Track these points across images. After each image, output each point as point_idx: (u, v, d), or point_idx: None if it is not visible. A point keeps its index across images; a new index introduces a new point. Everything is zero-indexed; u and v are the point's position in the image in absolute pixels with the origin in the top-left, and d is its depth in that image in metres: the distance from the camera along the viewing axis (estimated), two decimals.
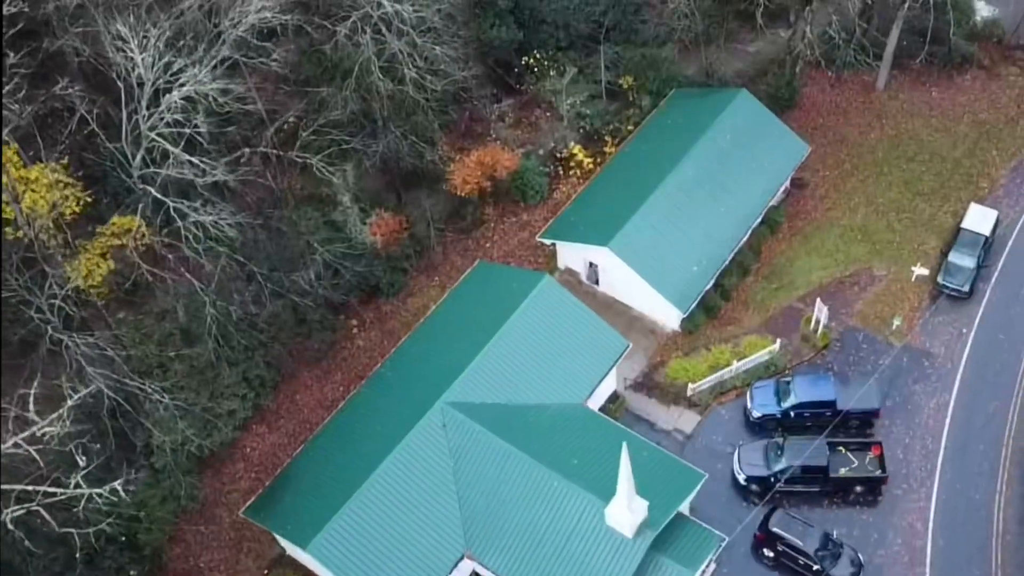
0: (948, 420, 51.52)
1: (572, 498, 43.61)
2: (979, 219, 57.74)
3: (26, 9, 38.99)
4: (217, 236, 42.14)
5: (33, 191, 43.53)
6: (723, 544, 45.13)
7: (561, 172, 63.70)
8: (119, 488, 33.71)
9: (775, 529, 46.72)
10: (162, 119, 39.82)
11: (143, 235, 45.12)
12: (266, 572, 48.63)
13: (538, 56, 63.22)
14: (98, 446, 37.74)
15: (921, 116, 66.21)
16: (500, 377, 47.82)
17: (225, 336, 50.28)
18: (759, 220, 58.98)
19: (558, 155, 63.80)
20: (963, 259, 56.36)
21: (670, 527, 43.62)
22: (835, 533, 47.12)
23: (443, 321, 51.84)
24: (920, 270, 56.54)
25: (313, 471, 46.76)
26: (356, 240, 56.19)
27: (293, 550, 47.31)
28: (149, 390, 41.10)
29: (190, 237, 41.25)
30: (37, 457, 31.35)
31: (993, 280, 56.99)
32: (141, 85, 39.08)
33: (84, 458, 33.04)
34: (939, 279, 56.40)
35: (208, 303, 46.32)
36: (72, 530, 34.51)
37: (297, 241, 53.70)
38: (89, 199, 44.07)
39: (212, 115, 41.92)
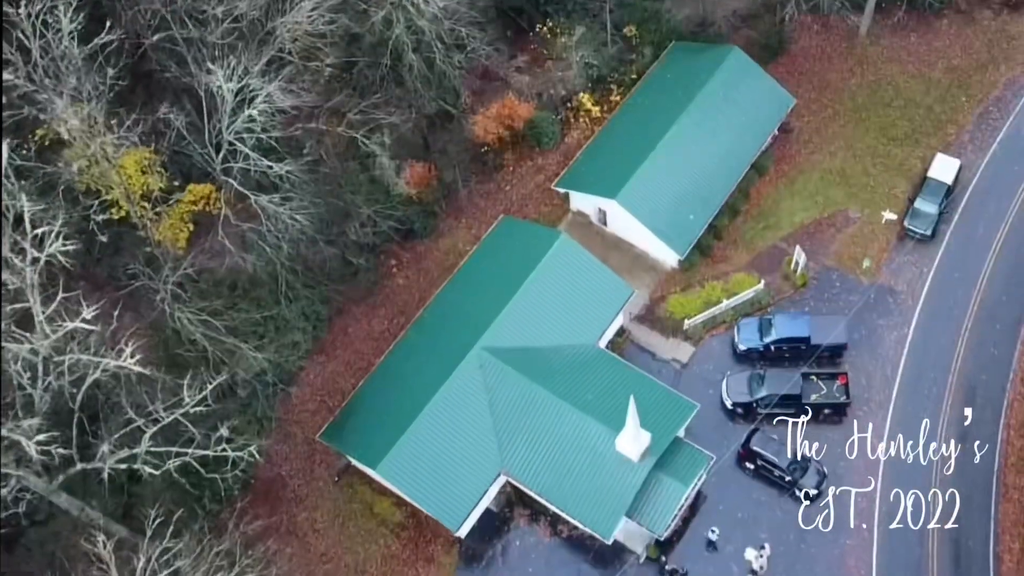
0: (906, 351, 60.27)
1: (588, 428, 52.91)
2: (943, 168, 65.11)
3: (124, 36, 45.96)
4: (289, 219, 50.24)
5: (128, 174, 51.53)
6: (712, 462, 54.66)
7: (572, 119, 70.65)
8: (254, 451, 43.08)
9: (755, 447, 56.23)
10: (240, 124, 47.47)
11: (221, 206, 53.19)
12: (336, 479, 58.13)
13: (551, 24, 69.33)
14: (236, 422, 47.07)
15: (899, 62, 72.56)
16: (525, 324, 56.46)
17: (287, 280, 58.76)
18: (749, 166, 66.47)
19: (569, 104, 70.62)
20: (927, 205, 64.09)
21: (668, 449, 53.12)
22: (805, 449, 56.59)
23: (473, 273, 60.18)
24: (889, 215, 64.38)
25: (374, 404, 55.98)
26: (393, 191, 63.83)
27: (357, 462, 56.91)
28: (242, 346, 49.92)
29: (272, 228, 49.44)
30: (190, 426, 40.76)
31: (953, 224, 64.82)
32: (223, 100, 46.52)
33: (226, 430, 42.34)
34: (905, 223, 64.32)
35: (279, 264, 54.60)
36: (216, 475, 44.20)
37: (344, 198, 61.42)
38: (176, 184, 52.08)
39: (276, 115, 49.34)
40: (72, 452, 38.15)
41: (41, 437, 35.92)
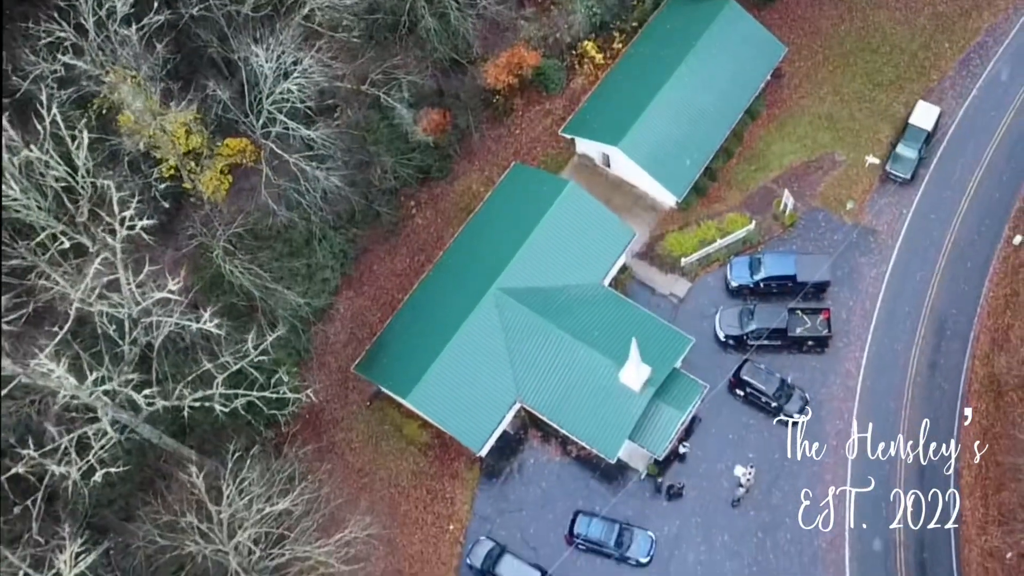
0: (884, 287, 65.89)
1: (594, 361, 58.85)
2: (924, 115, 69.78)
3: (168, 11, 50.39)
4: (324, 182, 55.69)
5: (174, 135, 56.46)
6: (706, 391, 60.82)
7: (576, 65, 74.98)
8: (311, 394, 49.10)
9: (744, 377, 62.35)
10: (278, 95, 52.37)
11: (260, 162, 58.32)
12: (368, 403, 64.37)
13: None
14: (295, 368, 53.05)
15: (887, 8, 76.44)
16: (537, 266, 61.93)
17: (317, 225, 64.04)
18: (743, 112, 71.12)
19: (574, 51, 74.81)
20: (908, 151, 69.00)
21: (666, 378, 59.22)
22: (790, 378, 62.66)
23: (488, 218, 65.42)
24: (872, 159, 69.31)
25: (401, 340, 61.88)
26: (412, 138, 68.57)
27: (389, 392, 62.96)
28: (284, 290, 55.67)
29: (310, 189, 54.71)
30: (254, 372, 46.82)
31: (932, 167, 69.83)
32: (264, 77, 51.30)
33: (288, 377, 48.38)
34: (887, 167, 69.35)
35: (312, 213, 59.91)
36: (276, 412, 50.38)
37: (367, 148, 66.21)
38: (217, 144, 57.26)
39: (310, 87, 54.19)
40: (154, 396, 44.13)
41: (148, 392, 41.98)
